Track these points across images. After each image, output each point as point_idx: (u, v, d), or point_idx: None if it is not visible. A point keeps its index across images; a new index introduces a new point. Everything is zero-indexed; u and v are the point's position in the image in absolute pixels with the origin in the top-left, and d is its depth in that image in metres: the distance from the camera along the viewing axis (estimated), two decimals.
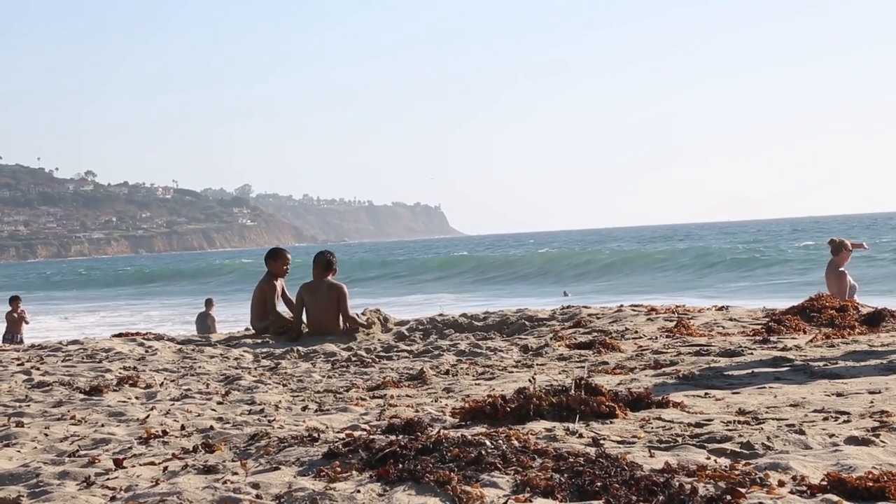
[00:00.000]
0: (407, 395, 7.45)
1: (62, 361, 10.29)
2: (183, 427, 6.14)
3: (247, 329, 13.38)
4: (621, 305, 13.22)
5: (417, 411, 6.43)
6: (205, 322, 21.51)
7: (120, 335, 13.02)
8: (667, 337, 10.19)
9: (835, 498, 3.92)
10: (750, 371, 7.56)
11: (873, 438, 4.95)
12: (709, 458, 4.64)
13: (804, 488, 4.09)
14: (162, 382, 8.63)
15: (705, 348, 8.99)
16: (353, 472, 4.51)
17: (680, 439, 5.12)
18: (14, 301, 21.69)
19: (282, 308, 12.76)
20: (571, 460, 4.48)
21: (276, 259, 12.77)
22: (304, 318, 12.17)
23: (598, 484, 4.14)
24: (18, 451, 5.60)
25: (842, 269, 14.32)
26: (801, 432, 5.12)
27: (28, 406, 7.33)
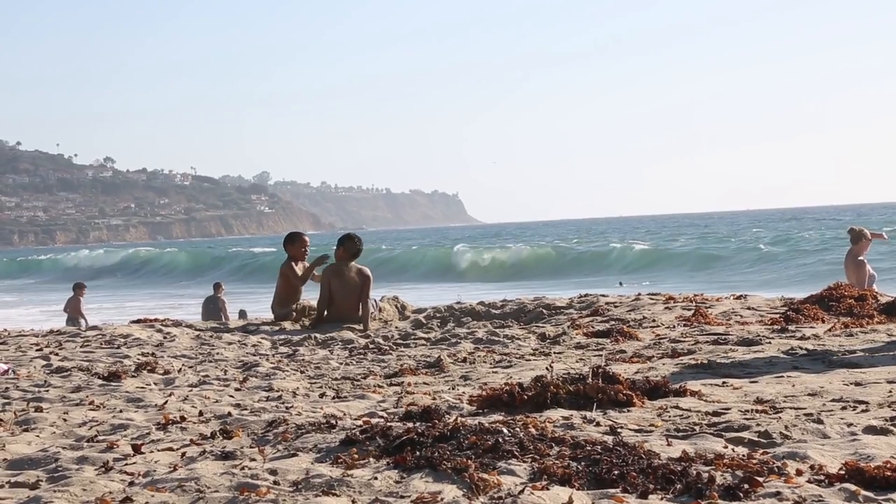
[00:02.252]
0: (424, 383, 7.46)
1: (81, 347, 10.33)
2: (201, 413, 6.16)
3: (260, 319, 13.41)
4: (639, 294, 13.21)
5: (435, 399, 6.44)
6: (214, 306, 20.83)
7: (138, 321, 13.07)
8: (684, 326, 10.17)
9: (853, 487, 3.91)
10: (768, 360, 7.54)
11: (892, 428, 4.93)
12: (726, 447, 4.63)
13: (822, 477, 4.08)
14: (180, 369, 8.66)
15: (723, 337, 8.97)
16: (371, 459, 4.52)
17: (697, 428, 5.12)
18: (78, 287, 21.75)
19: (305, 294, 12.81)
20: (589, 448, 4.48)
21: (293, 243, 12.83)
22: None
23: (616, 472, 4.13)
24: (37, 436, 5.63)
25: (861, 258, 14.27)
26: (819, 421, 5.11)
27: (47, 391, 7.36)
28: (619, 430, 5.10)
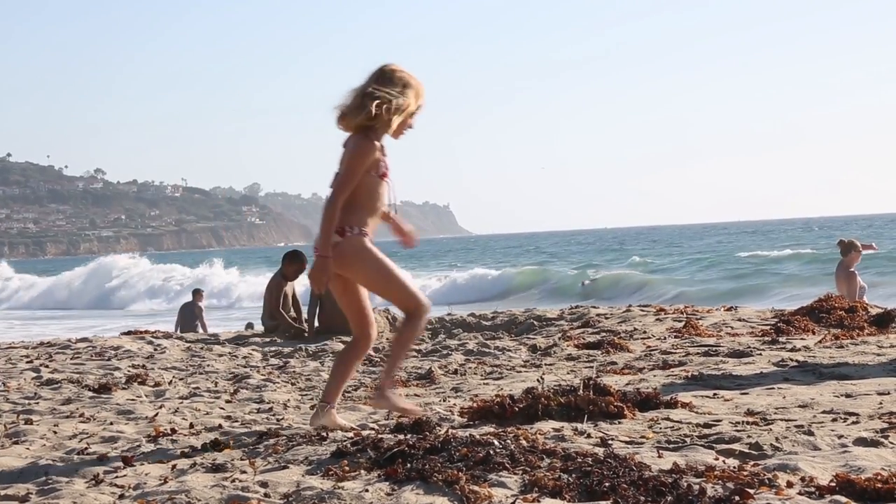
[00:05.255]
0: (415, 395, 7.45)
1: (71, 359, 10.32)
2: (191, 425, 6.15)
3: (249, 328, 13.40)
4: (630, 306, 13.22)
5: (426, 411, 6.43)
6: (191, 313, 19.78)
7: (129, 333, 13.06)
8: (675, 337, 10.18)
9: (843, 499, 3.91)
10: (759, 371, 7.55)
11: (882, 440, 4.94)
12: (717, 459, 4.63)
13: (813, 489, 4.08)
14: (171, 380, 8.65)
15: (714, 349, 8.98)
16: (362, 472, 4.51)
17: (688, 440, 5.12)
18: (197, 294, 20.59)
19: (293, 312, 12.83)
20: (580, 460, 4.48)
21: (292, 262, 12.80)
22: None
23: (607, 484, 4.13)
24: (28, 449, 5.62)
25: (852, 269, 14.30)
26: (810, 433, 5.11)
27: (37, 403, 7.35)
28: (610, 441, 5.10)
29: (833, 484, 4.09)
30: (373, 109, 5.32)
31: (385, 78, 5.39)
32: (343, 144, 5.51)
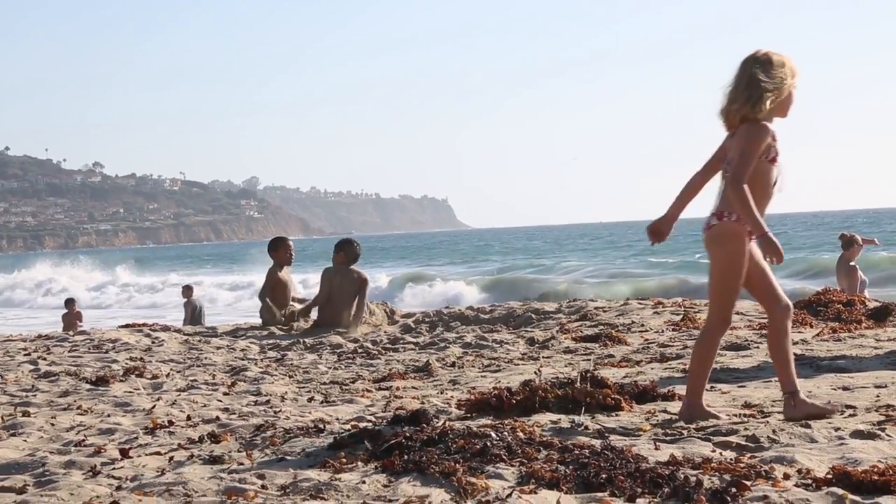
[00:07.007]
0: (413, 387, 7.46)
1: (69, 351, 10.31)
2: (189, 417, 6.15)
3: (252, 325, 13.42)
4: (627, 299, 13.22)
5: (423, 403, 6.44)
6: (199, 309, 20.07)
7: (126, 326, 13.06)
8: (673, 330, 10.18)
9: (840, 491, 3.92)
10: (756, 364, 7.56)
11: (879, 432, 4.94)
12: (714, 451, 4.64)
13: (809, 481, 4.09)
14: (168, 373, 8.65)
15: None
16: (359, 464, 4.52)
17: (685, 432, 5.12)
18: (70, 303, 21.66)
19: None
20: (577, 452, 4.48)
21: (277, 249, 12.87)
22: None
23: (604, 476, 4.14)
24: (25, 441, 5.62)
25: (853, 263, 14.29)
26: (807, 426, 5.11)
27: (35, 396, 7.34)
28: (607, 434, 5.11)
29: (829, 476, 4.09)
30: (782, 92, 5.41)
31: (764, 64, 5.43)
32: (730, 135, 5.52)
